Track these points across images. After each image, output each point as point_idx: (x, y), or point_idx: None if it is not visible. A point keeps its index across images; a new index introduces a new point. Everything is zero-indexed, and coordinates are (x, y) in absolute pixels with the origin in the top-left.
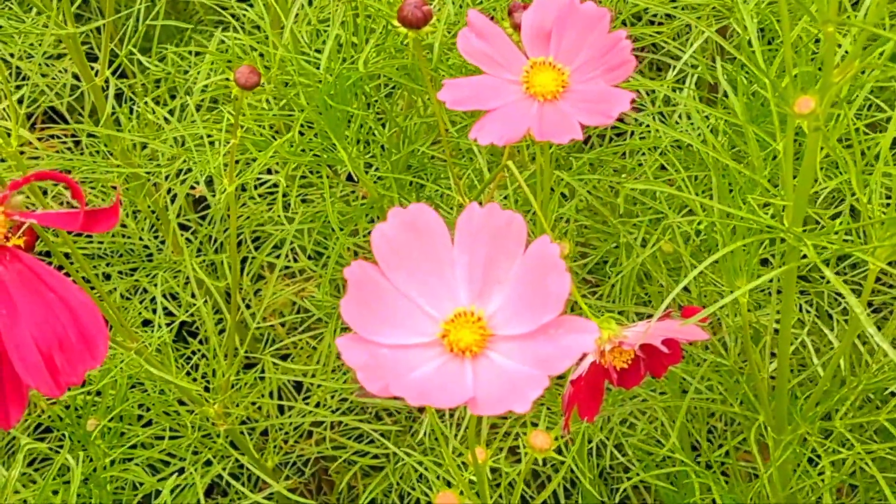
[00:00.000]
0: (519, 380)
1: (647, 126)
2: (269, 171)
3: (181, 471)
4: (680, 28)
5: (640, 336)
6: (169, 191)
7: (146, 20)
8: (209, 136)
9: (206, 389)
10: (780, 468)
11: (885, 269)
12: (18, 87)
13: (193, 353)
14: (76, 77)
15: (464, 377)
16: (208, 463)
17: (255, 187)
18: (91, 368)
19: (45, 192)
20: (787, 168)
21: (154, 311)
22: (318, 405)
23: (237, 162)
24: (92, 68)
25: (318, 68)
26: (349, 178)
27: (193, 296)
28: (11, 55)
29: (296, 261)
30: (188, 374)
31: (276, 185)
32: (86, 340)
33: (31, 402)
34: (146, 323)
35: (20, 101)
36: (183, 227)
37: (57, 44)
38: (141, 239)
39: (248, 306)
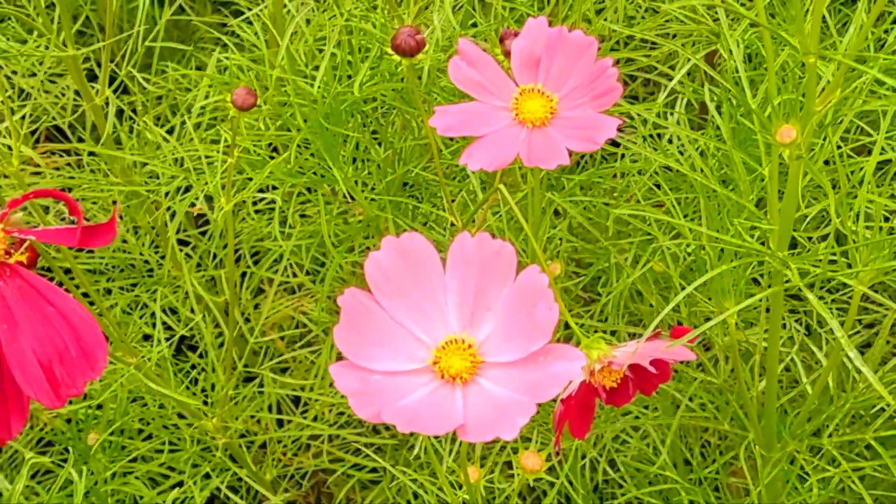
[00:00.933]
0: (507, 406)
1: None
2: (268, 188)
3: (180, 484)
4: (672, 50)
5: (628, 356)
6: (168, 208)
7: (147, 40)
8: (207, 156)
9: (206, 403)
10: (770, 485)
11: (876, 286)
12: (21, 106)
13: (193, 367)
14: (78, 94)
15: (454, 403)
16: (207, 476)
17: (254, 203)
18: (91, 380)
19: (46, 210)
20: (772, 192)
21: (154, 326)
22: (315, 419)
23: (235, 181)
24: (93, 87)
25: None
26: (346, 195)
27: (193, 311)
28: (14, 72)
29: (295, 276)
30: (188, 388)
31: (275, 201)
32: (85, 353)
33: (34, 416)
34: (146, 337)
35: (22, 119)
36: (183, 243)
37: (58, 62)
38: (141, 255)
39: (247, 320)
